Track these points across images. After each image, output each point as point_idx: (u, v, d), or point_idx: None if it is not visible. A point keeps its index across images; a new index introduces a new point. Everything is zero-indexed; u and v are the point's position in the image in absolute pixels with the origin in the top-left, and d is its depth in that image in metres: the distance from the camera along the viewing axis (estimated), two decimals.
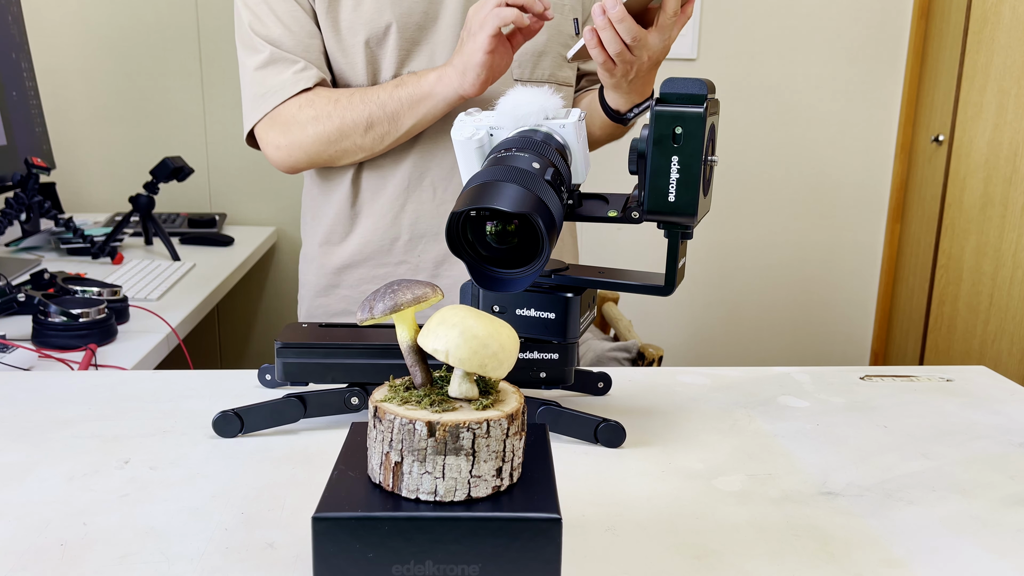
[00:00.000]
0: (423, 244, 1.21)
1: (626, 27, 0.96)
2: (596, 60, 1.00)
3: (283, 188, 2.61)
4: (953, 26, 2.62)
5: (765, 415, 0.90)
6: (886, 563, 0.63)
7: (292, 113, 1.14)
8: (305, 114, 1.13)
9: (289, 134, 1.15)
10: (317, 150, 1.15)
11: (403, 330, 0.56)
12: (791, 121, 2.84)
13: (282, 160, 1.18)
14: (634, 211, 0.76)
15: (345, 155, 1.16)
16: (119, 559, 0.61)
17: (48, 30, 2.46)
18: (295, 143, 1.15)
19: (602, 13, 0.96)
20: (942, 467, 0.79)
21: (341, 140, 1.13)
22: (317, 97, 1.14)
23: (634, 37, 0.96)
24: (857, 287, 3.00)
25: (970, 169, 2.59)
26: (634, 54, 0.98)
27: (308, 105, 1.13)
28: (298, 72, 1.14)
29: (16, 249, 1.97)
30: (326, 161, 1.17)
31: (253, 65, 1.16)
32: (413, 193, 1.19)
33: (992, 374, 1.05)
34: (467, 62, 1.04)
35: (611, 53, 0.98)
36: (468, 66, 1.04)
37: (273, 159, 1.19)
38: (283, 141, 1.16)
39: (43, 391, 0.92)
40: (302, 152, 1.16)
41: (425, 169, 1.18)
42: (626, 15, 0.95)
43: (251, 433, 0.82)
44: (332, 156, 1.16)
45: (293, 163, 1.18)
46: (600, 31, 0.97)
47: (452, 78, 1.07)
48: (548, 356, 0.82)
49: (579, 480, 0.74)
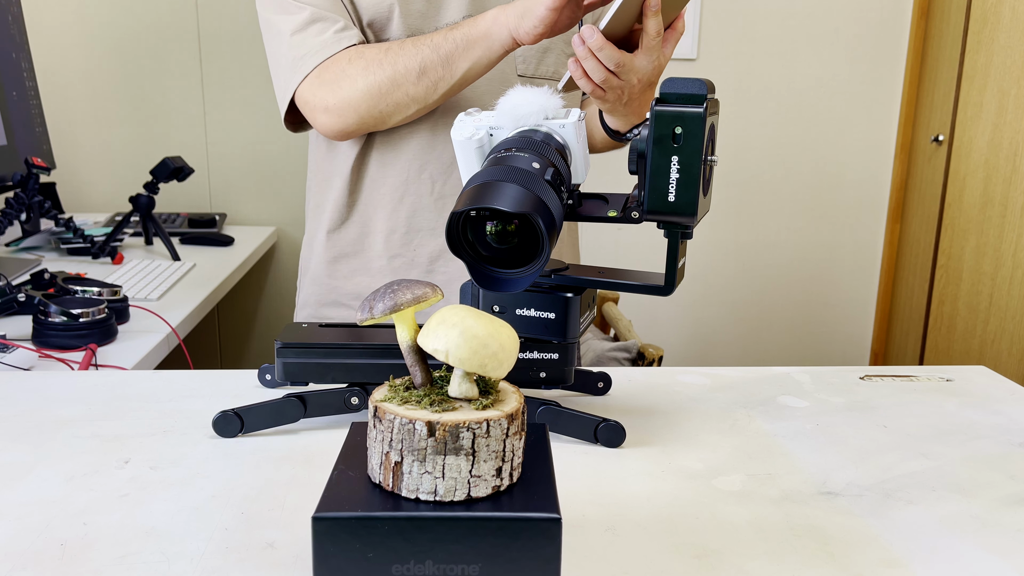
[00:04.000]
0: (419, 238, 1.20)
1: (607, 54, 0.93)
2: (585, 89, 0.98)
3: (283, 188, 2.61)
4: (953, 26, 2.62)
5: (765, 415, 0.90)
6: (886, 563, 0.63)
7: (341, 67, 1.09)
8: (355, 67, 1.08)
9: (339, 90, 1.09)
10: (368, 106, 1.09)
11: (403, 330, 0.56)
12: (791, 121, 2.84)
13: (331, 124, 1.12)
14: (634, 211, 0.76)
15: (398, 110, 1.10)
16: (119, 559, 0.61)
17: (48, 30, 2.46)
18: (345, 101, 1.09)
19: (582, 43, 0.93)
20: (942, 467, 0.79)
21: (393, 91, 1.08)
22: (367, 49, 1.09)
23: (617, 63, 0.94)
24: (857, 287, 3.00)
25: (970, 169, 2.59)
26: (621, 79, 0.96)
27: (358, 57, 1.09)
28: (340, 31, 1.10)
29: (16, 249, 1.97)
30: (377, 120, 1.11)
31: (291, 28, 1.11)
32: (412, 185, 1.18)
33: (992, 374, 1.05)
34: (530, 8, 0.99)
35: (597, 81, 0.96)
36: (528, 13, 0.99)
37: (322, 124, 1.13)
38: (332, 100, 1.09)
39: (43, 391, 0.92)
40: (352, 111, 1.09)
41: (424, 162, 1.18)
42: (605, 43, 0.93)
43: (251, 433, 0.82)
44: (384, 112, 1.10)
45: (343, 125, 1.11)
46: (582, 61, 0.95)
47: (510, 18, 1.02)
48: (548, 356, 0.82)
49: (579, 480, 0.74)
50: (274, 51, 1.16)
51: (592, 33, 0.93)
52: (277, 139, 2.57)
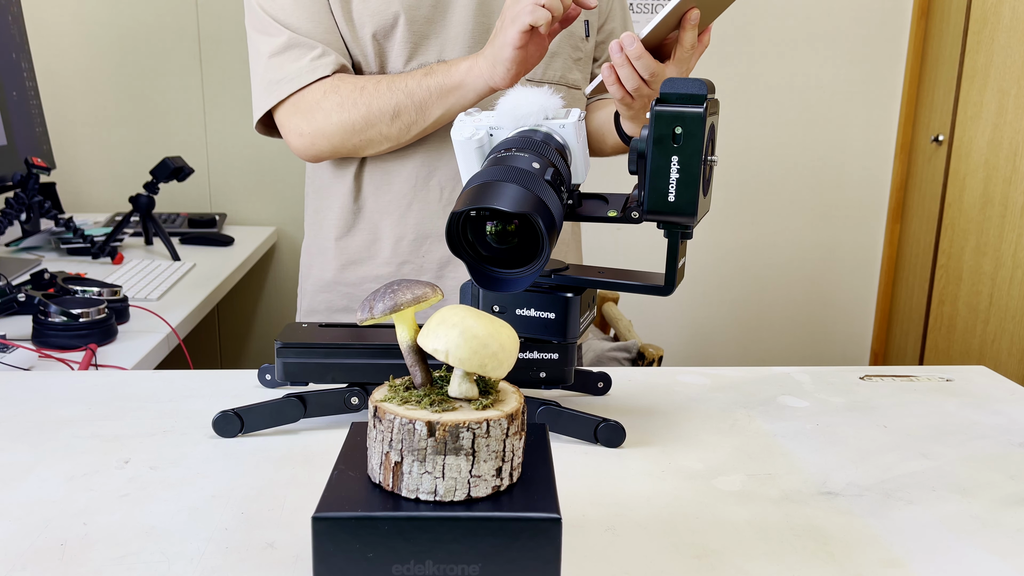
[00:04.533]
0: (428, 244, 1.20)
1: (644, 63, 0.95)
2: (614, 96, 0.99)
3: (283, 188, 2.61)
4: (953, 26, 2.62)
5: (765, 415, 0.90)
6: (886, 563, 0.63)
7: (316, 99, 1.11)
8: (330, 101, 1.11)
9: (313, 121, 1.12)
10: (341, 139, 1.12)
11: (403, 330, 0.56)
12: (791, 121, 2.84)
13: (304, 148, 1.15)
14: (634, 211, 0.76)
15: (370, 145, 1.13)
16: (119, 559, 0.61)
17: (48, 30, 2.46)
18: (319, 131, 1.12)
19: (620, 50, 0.95)
20: (942, 467, 0.79)
21: (367, 129, 1.11)
22: (342, 83, 1.11)
23: (652, 72, 0.96)
24: (857, 287, 3.00)
25: (970, 169, 2.59)
26: (652, 88, 0.98)
27: (333, 91, 1.11)
28: (316, 59, 1.11)
29: (16, 249, 1.97)
30: (350, 151, 1.15)
31: (268, 51, 1.13)
32: (420, 192, 1.18)
33: (992, 374, 1.05)
34: (497, 55, 1.01)
35: (629, 89, 0.97)
36: (498, 59, 1.01)
37: (295, 146, 1.16)
38: (306, 128, 1.13)
39: (43, 391, 0.92)
40: (325, 141, 1.13)
41: (432, 169, 1.18)
42: (643, 51, 0.94)
43: (251, 433, 0.82)
44: (356, 146, 1.14)
45: (316, 152, 1.15)
46: (618, 68, 0.96)
47: (483, 69, 1.04)
48: (548, 356, 0.82)
49: (579, 480, 0.74)
50: (253, 66, 1.18)
51: (632, 42, 0.94)
52: (277, 139, 2.57)
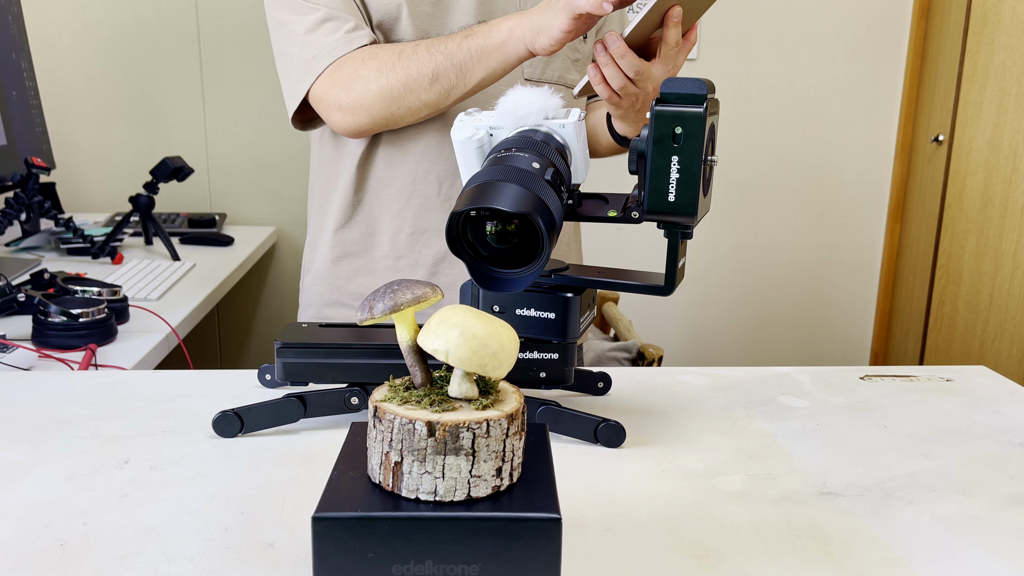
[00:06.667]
0: (424, 239, 1.20)
1: (628, 62, 0.95)
2: (601, 95, 0.99)
3: (283, 188, 2.61)
4: (953, 26, 2.62)
5: (765, 415, 0.90)
6: (886, 563, 0.63)
7: (354, 67, 1.10)
8: (368, 67, 1.09)
9: (352, 90, 1.10)
10: (381, 108, 1.10)
11: (403, 330, 0.56)
12: (791, 121, 2.84)
13: (345, 122, 1.12)
14: (634, 211, 0.76)
15: (410, 113, 1.11)
16: (119, 559, 0.61)
17: (48, 30, 2.46)
18: (358, 101, 1.10)
19: (604, 50, 0.95)
20: (942, 467, 0.79)
21: (406, 95, 1.09)
22: (380, 50, 1.10)
23: (637, 71, 0.96)
24: (857, 287, 3.00)
25: (970, 169, 2.59)
26: (638, 86, 0.98)
27: (371, 57, 1.09)
28: (351, 31, 1.11)
29: (16, 249, 1.97)
30: (389, 121, 1.12)
31: (303, 28, 1.12)
32: (419, 186, 1.18)
33: (992, 374, 1.05)
34: (544, 27, 1.00)
35: (615, 88, 0.97)
36: (544, 32, 1.00)
37: (336, 122, 1.13)
38: (345, 99, 1.10)
39: (43, 391, 0.92)
40: (365, 111, 1.10)
41: (432, 163, 1.18)
42: (627, 50, 0.94)
43: (251, 433, 0.82)
44: (396, 115, 1.11)
45: (356, 124, 1.12)
46: (602, 67, 0.96)
47: (526, 33, 1.02)
48: (548, 356, 0.82)
49: (579, 480, 0.74)
50: (285, 51, 1.16)
51: (615, 41, 0.94)
52: (277, 139, 2.57)
